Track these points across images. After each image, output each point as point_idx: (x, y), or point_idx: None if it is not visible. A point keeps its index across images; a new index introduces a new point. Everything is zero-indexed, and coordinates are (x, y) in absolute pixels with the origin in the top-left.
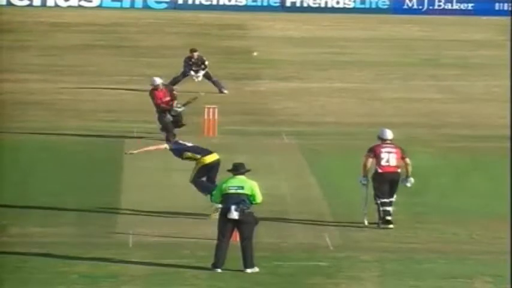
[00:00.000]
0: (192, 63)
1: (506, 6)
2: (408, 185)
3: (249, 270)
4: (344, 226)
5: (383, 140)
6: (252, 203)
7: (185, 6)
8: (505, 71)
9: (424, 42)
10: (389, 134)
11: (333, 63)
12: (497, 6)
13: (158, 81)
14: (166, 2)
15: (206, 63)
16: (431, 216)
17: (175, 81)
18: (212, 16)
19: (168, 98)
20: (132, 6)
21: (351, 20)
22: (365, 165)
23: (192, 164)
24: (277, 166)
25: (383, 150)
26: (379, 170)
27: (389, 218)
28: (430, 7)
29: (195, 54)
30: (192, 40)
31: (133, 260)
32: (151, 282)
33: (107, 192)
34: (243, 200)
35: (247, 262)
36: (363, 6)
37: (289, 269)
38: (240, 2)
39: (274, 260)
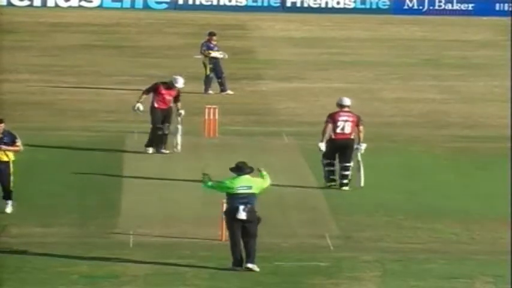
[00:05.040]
0: (214, 46)
1: (506, 7)
2: (361, 150)
3: (249, 265)
4: (344, 226)
5: (341, 106)
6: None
7: (185, 7)
8: (505, 71)
9: (424, 42)
10: (347, 101)
11: (333, 63)
12: (497, 6)
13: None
14: (166, 2)
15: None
16: (432, 216)
17: (209, 80)
18: (212, 16)
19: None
20: (133, 7)
21: (352, 20)
22: (324, 132)
23: None
24: (278, 166)
25: (340, 118)
26: (333, 136)
27: (333, 177)
28: (431, 7)
29: (214, 37)
30: (193, 40)
31: (133, 260)
32: (152, 283)
33: (107, 192)
34: (250, 200)
35: (251, 258)
36: (363, 6)
37: (290, 269)
38: (241, 2)
39: (274, 260)
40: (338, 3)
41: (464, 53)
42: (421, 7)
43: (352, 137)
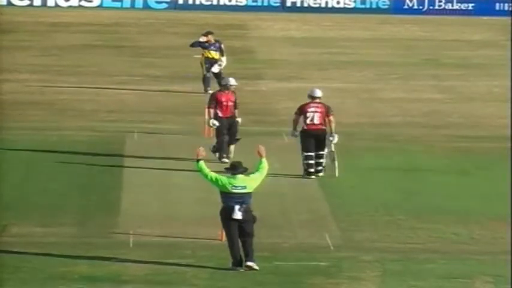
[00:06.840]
0: (209, 46)
1: (506, 6)
2: (334, 141)
3: (249, 263)
4: (344, 226)
5: (313, 97)
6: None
7: (185, 6)
8: (505, 71)
9: (424, 42)
10: (318, 93)
11: (333, 63)
12: (497, 6)
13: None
14: (166, 2)
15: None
16: (432, 216)
17: (207, 80)
18: (212, 16)
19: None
20: (133, 6)
21: (352, 20)
22: (294, 122)
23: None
24: (278, 166)
25: (309, 109)
26: (304, 127)
27: (311, 170)
28: (431, 7)
29: (210, 36)
30: (192, 40)
31: (133, 260)
32: (152, 282)
33: (107, 192)
34: (245, 199)
35: (249, 256)
36: (363, 6)
37: (290, 269)
38: (241, 2)
39: (274, 260)
40: (338, 3)
41: (464, 53)
42: (421, 7)
43: (323, 127)
